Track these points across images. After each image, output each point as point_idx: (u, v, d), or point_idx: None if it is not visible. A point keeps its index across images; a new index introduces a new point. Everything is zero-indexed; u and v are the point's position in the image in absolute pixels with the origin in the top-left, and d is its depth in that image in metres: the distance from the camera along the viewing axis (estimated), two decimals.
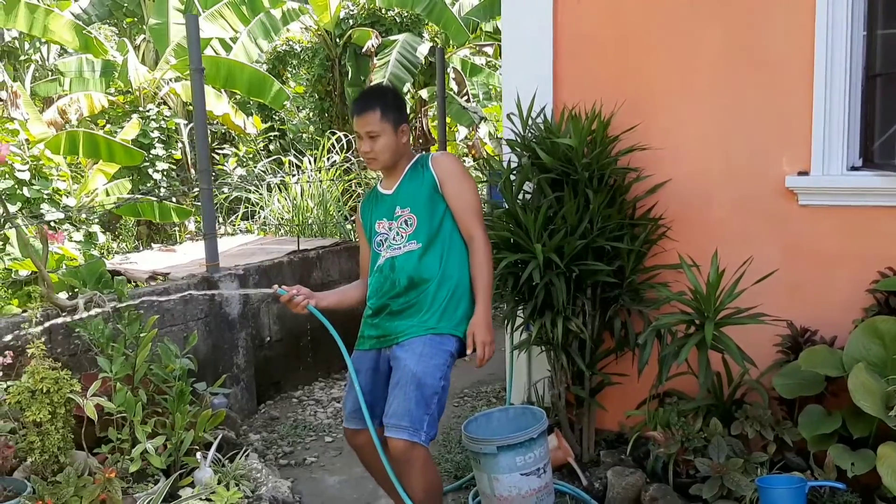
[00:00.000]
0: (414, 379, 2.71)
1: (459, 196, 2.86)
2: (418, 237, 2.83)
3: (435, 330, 2.79)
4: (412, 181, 2.89)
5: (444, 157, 2.96)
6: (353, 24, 10.19)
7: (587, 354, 3.60)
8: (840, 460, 3.10)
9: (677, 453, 3.32)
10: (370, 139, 2.82)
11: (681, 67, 3.63)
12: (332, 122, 10.66)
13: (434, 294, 2.81)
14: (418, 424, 2.68)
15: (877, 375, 3.07)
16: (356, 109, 2.86)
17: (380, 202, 2.96)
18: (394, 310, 2.85)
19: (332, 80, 10.56)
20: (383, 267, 2.87)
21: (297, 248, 5.47)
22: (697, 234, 3.63)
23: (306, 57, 10.99)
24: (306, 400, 5.00)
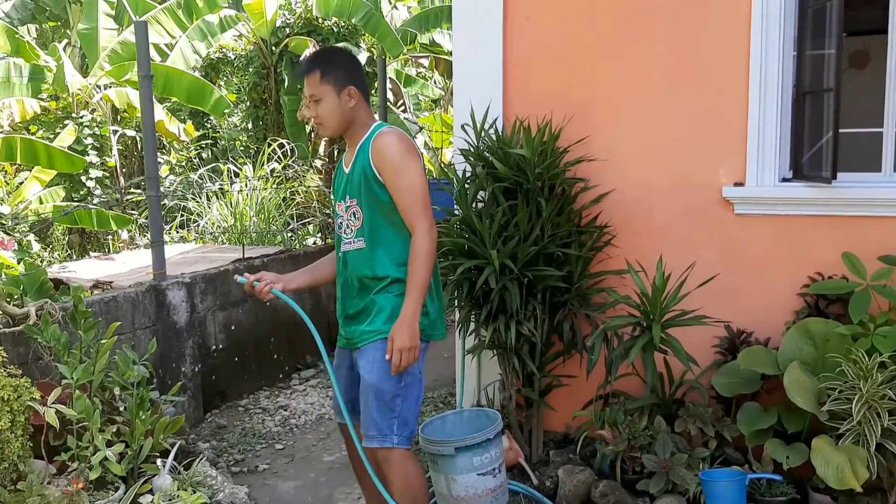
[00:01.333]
0: (370, 389, 2.67)
1: (398, 185, 2.61)
2: (363, 234, 2.69)
3: (384, 334, 2.67)
4: (359, 164, 2.68)
5: (383, 140, 2.64)
6: (290, 32, 10.16)
7: (537, 357, 3.73)
8: (776, 454, 3.31)
9: (624, 450, 3.47)
10: (314, 103, 2.66)
11: (627, 83, 3.81)
12: (267, 130, 10.60)
13: (382, 294, 2.70)
14: (386, 430, 2.66)
15: (809, 373, 3.28)
16: (297, 72, 2.77)
17: (340, 178, 2.80)
18: (350, 313, 2.78)
19: (267, 88, 10.50)
20: (340, 260, 2.79)
21: (241, 256, 5.46)
22: (640, 242, 3.81)
23: (240, 64, 10.90)
24: (252, 408, 4.99)
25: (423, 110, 12.52)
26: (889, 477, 3.16)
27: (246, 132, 11.26)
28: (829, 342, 3.32)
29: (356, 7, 9.47)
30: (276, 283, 2.78)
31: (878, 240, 3.40)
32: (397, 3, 11.74)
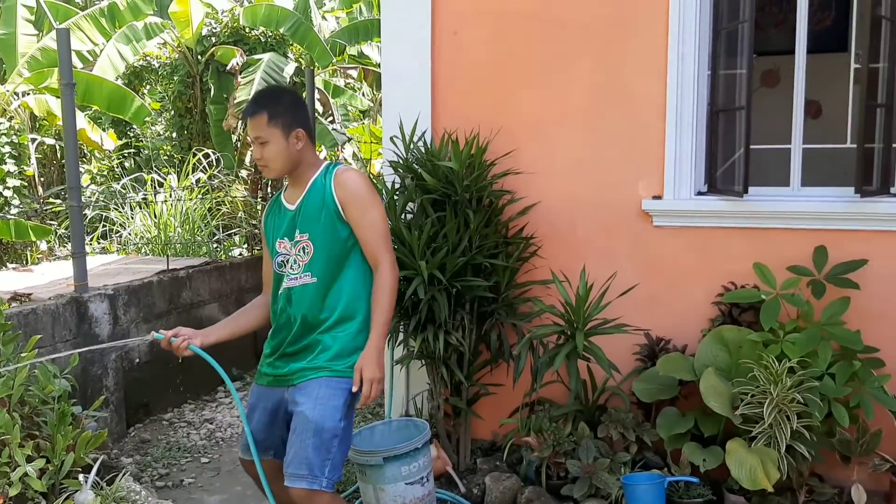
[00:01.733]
0: (310, 425, 2.56)
1: (363, 221, 2.63)
2: (313, 269, 2.63)
3: (330, 371, 2.63)
4: (314, 199, 2.66)
5: (348, 176, 2.67)
6: (216, 41, 10.05)
7: (465, 366, 3.79)
8: (693, 457, 3.44)
9: (549, 457, 3.56)
10: (260, 145, 2.62)
11: (551, 99, 3.92)
12: (192, 139, 10.44)
13: (329, 333, 2.66)
14: (318, 471, 2.56)
15: (724, 379, 3.43)
16: (244, 113, 2.67)
17: (282, 216, 2.73)
18: (287, 352, 2.71)
19: (192, 96, 10.35)
20: (282, 296, 2.70)
21: (166, 267, 5.37)
22: (565, 252, 3.91)
23: (165, 73, 10.71)
24: (177, 422, 4.90)
25: (352, 121, 12.51)
26: (798, 477, 3.32)
27: (170, 141, 11.06)
28: (741, 348, 3.48)
29: (284, 17, 9.44)
30: (194, 338, 2.71)
31: (786, 251, 3.58)
32: (326, 14, 11.72)
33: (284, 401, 2.73)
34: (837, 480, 3.47)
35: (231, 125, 9.35)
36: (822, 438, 3.33)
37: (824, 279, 3.45)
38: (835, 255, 3.48)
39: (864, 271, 3.44)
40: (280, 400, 2.75)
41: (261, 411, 2.79)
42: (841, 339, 3.34)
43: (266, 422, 2.79)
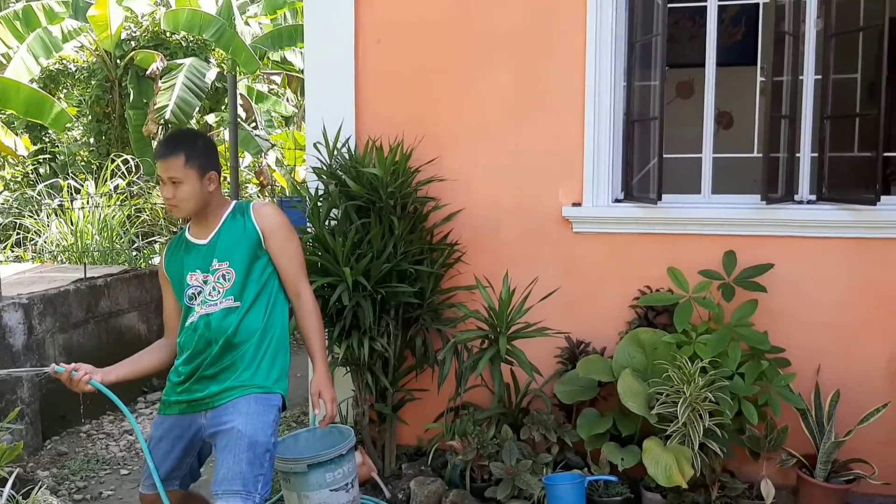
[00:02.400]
0: (244, 439, 2.55)
1: (284, 251, 2.74)
2: (235, 293, 2.66)
3: (259, 387, 2.66)
4: (231, 232, 2.72)
5: (268, 209, 2.79)
6: (136, 45, 9.85)
7: (390, 372, 3.81)
8: (612, 456, 3.54)
9: (473, 459, 3.61)
10: (172, 185, 2.65)
11: (475, 107, 3.99)
12: (110, 144, 10.19)
13: (253, 353, 2.68)
14: (251, 487, 2.53)
15: (640, 379, 3.54)
16: (159, 153, 2.67)
17: (192, 252, 2.75)
18: (206, 374, 2.68)
19: (111, 101, 10.11)
20: (197, 324, 2.67)
21: (83, 275, 5.23)
22: (488, 258, 3.98)
23: (82, 77, 10.43)
24: (96, 434, 4.78)
25: (276, 128, 12.39)
26: (711, 473, 3.46)
27: (88, 147, 10.76)
28: (657, 350, 3.60)
29: (207, 22, 9.32)
30: (94, 374, 2.65)
31: (698, 255, 3.72)
32: (249, 20, 11.59)
33: (201, 427, 2.70)
34: (748, 476, 3.62)
35: (151, 131, 9.16)
36: (732, 436, 3.47)
37: (733, 283, 3.60)
38: (743, 260, 3.63)
39: (771, 275, 3.60)
40: (196, 428, 2.71)
41: (170, 441, 2.73)
42: (749, 339, 3.49)
43: (177, 452, 2.74)
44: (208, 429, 2.68)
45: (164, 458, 2.73)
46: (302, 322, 2.78)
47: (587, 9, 3.76)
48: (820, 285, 3.64)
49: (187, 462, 2.77)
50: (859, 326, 3.60)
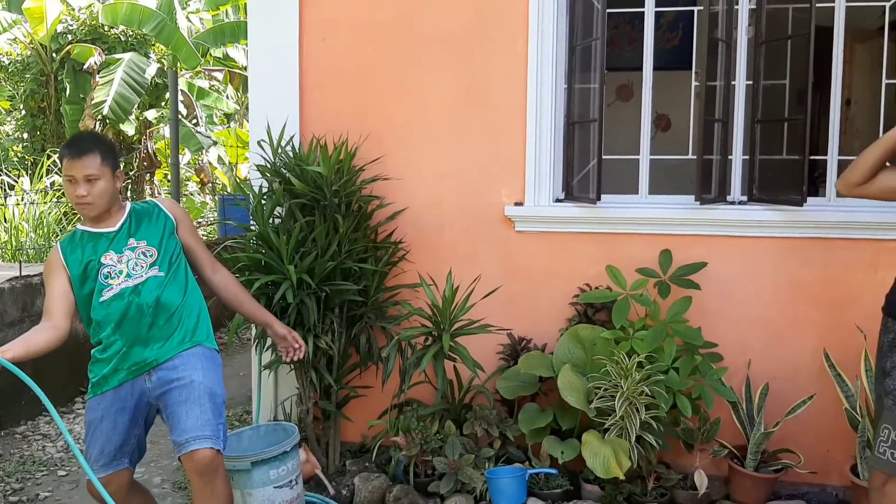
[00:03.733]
0: (205, 390, 2.72)
1: (195, 236, 3.03)
2: (161, 266, 2.85)
3: (201, 342, 2.84)
4: (144, 218, 2.93)
5: (173, 204, 3.09)
6: (73, 39, 9.63)
7: (335, 370, 3.83)
8: (552, 449, 3.62)
9: (417, 455, 3.65)
10: (87, 182, 2.76)
11: (418, 106, 4.03)
12: (45, 140, 9.94)
13: (185, 313, 2.85)
14: (220, 433, 2.71)
15: (580, 374, 3.63)
16: (73, 153, 2.76)
17: (99, 240, 2.85)
18: (144, 334, 2.77)
19: (46, 96, 9.87)
20: (123, 293, 2.76)
21: (18, 273, 5.11)
22: (432, 256, 4.03)
23: (15, 70, 10.15)
24: (31, 435, 4.68)
25: (217, 125, 12.25)
26: (647, 464, 3.56)
27: (21, 142, 10.48)
28: (595, 346, 3.69)
29: (147, 16, 9.17)
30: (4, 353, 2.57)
31: (635, 254, 3.83)
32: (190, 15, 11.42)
33: (144, 391, 2.79)
34: (682, 467, 3.74)
35: (88, 126, 8.98)
36: (668, 428, 3.59)
37: (669, 280, 3.72)
38: (678, 258, 3.75)
39: (704, 272, 3.73)
40: (138, 393, 2.79)
41: (112, 418, 2.77)
42: (684, 335, 3.61)
43: (122, 426, 2.78)
44: (156, 390, 2.77)
45: (109, 435, 2.77)
46: (230, 290, 3.05)
47: (529, 12, 3.84)
48: (750, 283, 3.78)
49: (135, 434, 2.84)
50: (787, 322, 3.75)
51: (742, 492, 3.62)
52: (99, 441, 2.78)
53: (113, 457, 2.79)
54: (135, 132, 9.91)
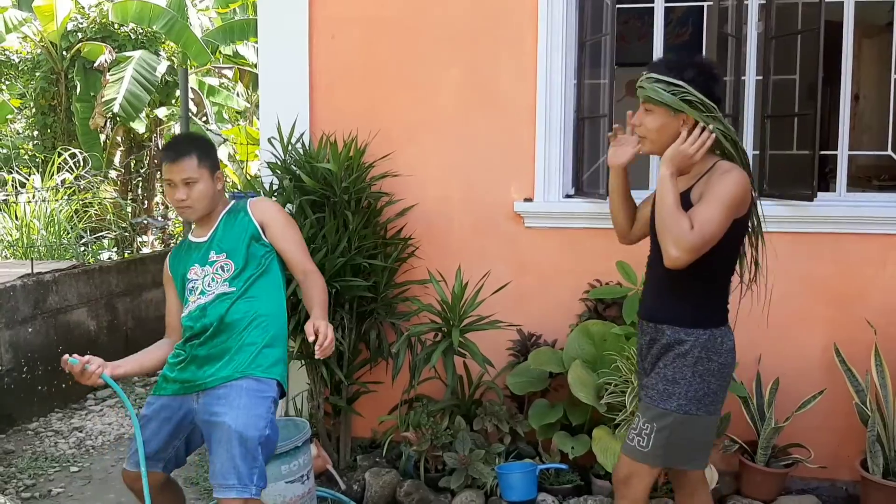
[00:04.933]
0: (235, 435, 2.54)
1: (286, 237, 2.80)
2: (234, 281, 2.70)
3: (250, 375, 2.64)
4: (229, 227, 2.79)
5: (264, 202, 2.91)
6: (83, 37, 9.66)
7: (345, 365, 3.85)
8: (562, 445, 3.63)
9: (427, 450, 3.66)
10: (186, 186, 2.70)
11: (426, 103, 4.04)
12: (55, 138, 9.98)
13: (247, 337, 2.68)
14: (247, 480, 2.54)
15: (590, 370, 3.63)
16: (170, 156, 2.71)
17: (193, 251, 2.82)
18: (200, 354, 2.69)
19: (56, 94, 9.91)
20: (193, 313, 2.71)
21: (30, 271, 5.15)
22: (442, 253, 4.04)
23: (26, 68, 10.20)
24: (44, 431, 4.71)
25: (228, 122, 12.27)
26: None
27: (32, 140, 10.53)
28: (606, 341, 3.69)
29: (157, 13, 9.19)
30: (105, 368, 2.66)
31: (646, 249, 3.78)
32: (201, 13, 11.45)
33: (192, 411, 2.72)
34: None
35: (98, 124, 9.01)
36: None
37: None
38: None
39: None
40: (187, 410, 2.72)
41: (159, 423, 2.74)
42: None
43: (164, 434, 2.75)
44: (200, 415, 2.68)
45: (150, 438, 2.74)
46: (308, 288, 2.75)
47: (538, 7, 3.84)
48: (760, 278, 3.77)
49: (174, 445, 2.79)
50: (797, 318, 3.75)
51: (753, 487, 3.62)
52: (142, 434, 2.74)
53: (147, 457, 2.73)
54: (145, 130, 9.94)
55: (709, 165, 2.47)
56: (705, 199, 2.35)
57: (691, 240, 2.27)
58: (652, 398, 2.51)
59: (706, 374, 2.46)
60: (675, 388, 2.46)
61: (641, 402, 2.59)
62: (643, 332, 2.66)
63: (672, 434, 2.45)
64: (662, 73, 2.41)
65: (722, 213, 2.31)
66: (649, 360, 2.60)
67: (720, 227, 2.32)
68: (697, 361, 2.45)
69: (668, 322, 2.52)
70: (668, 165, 2.39)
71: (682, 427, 2.45)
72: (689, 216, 2.31)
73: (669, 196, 2.35)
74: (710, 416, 2.50)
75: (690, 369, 2.45)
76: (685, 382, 2.45)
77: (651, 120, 2.47)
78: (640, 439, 2.50)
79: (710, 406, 2.49)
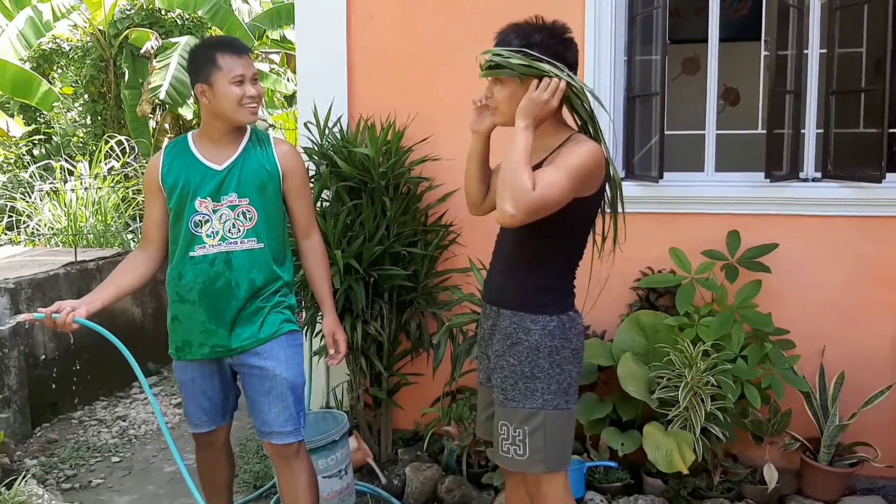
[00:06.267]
0: (288, 385, 2.62)
1: (300, 195, 2.70)
2: (259, 235, 2.58)
3: (285, 330, 2.65)
4: (251, 165, 2.59)
5: (289, 147, 2.71)
6: (130, 24, 9.71)
7: (385, 357, 3.73)
8: (612, 441, 3.46)
9: (470, 445, 3.54)
10: (254, 83, 2.53)
11: (469, 83, 3.83)
12: (105, 125, 10.08)
13: (276, 295, 2.64)
14: (300, 423, 2.68)
15: (641, 363, 3.46)
16: (237, 48, 2.53)
17: (200, 173, 2.56)
18: (231, 317, 2.58)
19: (105, 81, 9.99)
20: (214, 260, 2.54)
21: (74, 259, 5.15)
22: (485, 240, 3.81)
23: (76, 56, 10.30)
24: (88, 420, 4.71)
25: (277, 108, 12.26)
26: (713, 458, 3.38)
27: (84, 127, 10.66)
28: (658, 333, 3.51)
29: None
30: (78, 308, 2.46)
31: (700, 235, 3.62)
32: None
33: (227, 365, 2.70)
34: (751, 460, 3.55)
35: (145, 111, 9.05)
36: (735, 420, 3.40)
37: (737, 263, 3.51)
38: (747, 239, 3.53)
39: (775, 254, 3.50)
40: (223, 365, 2.70)
41: (205, 379, 2.69)
42: (753, 321, 3.40)
43: (217, 385, 2.72)
44: (237, 367, 2.69)
45: (208, 395, 2.72)
46: (311, 263, 2.78)
47: None
48: (824, 265, 3.55)
49: (232, 392, 2.80)
50: (864, 307, 3.51)
51: (815, 487, 3.41)
52: (196, 400, 2.72)
53: (213, 414, 2.76)
54: (193, 116, 9.97)
55: (564, 138, 2.28)
56: (553, 164, 2.17)
57: (530, 199, 2.05)
58: (515, 400, 2.31)
59: (563, 363, 2.30)
60: (536, 384, 2.28)
61: (500, 408, 2.36)
62: (485, 315, 2.48)
63: (547, 432, 2.28)
64: (509, 38, 2.28)
65: (567, 180, 2.11)
66: (493, 348, 2.40)
67: (563, 194, 2.11)
68: (551, 351, 2.28)
69: (510, 307, 2.35)
70: (522, 117, 2.19)
71: (554, 424, 2.29)
72: (534, 176, 2.10)
73: (519, 147, 2.14)
74: (574, 406, 2.36)
75: (546, 360, 2.28)
76: (544, 376, 2.28)
77: (499, 90, 2.32)
78: (515, 448, 2.31)
79: (574, 396, 2.35)
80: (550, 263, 2.35)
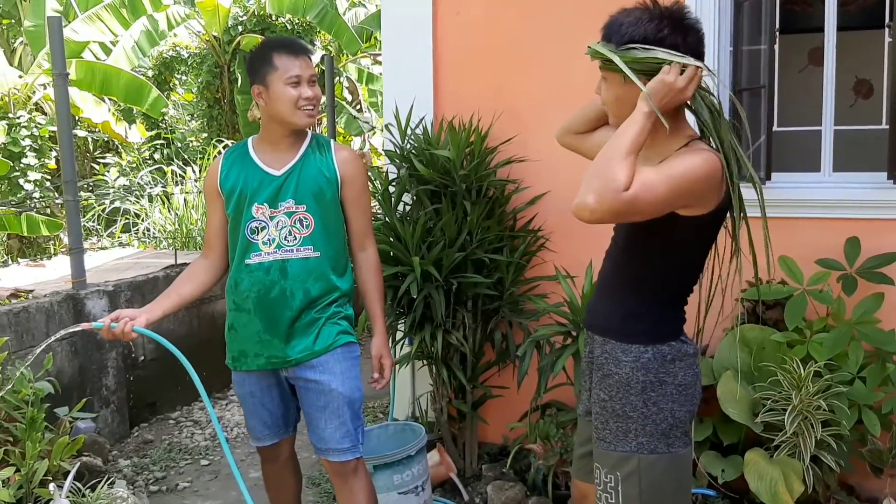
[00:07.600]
0: (345, 400, 2.52)
1: (360, 202, 2.60)
2: (315, 243, 2.49)
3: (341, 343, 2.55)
4: (311, 171, 2.50)
5: (349, 154, 2.62)
6: (243, 30, 9.97)
7: (468, 368, 3.57)
8: (711, 467, 3.17)
9: (556, 465, 3.32)
10: (311, 85, 2.44)
11: (556, 80, 3.66)
12: (220, 130, 10.39)
13: (333, 307, 2.54)
14: (358, 439, 2.58)
15: (744, 383, 3.15)
16: (295, 49, 2.45)
17: (259, 179, 2.49)
18: (286, 328, 2.49)
19: (220, 87, 10.30)
20: (270, 268, 2.46)
21: (174, 262, 5.25)
22: (575, 246, 3.64)
23: (194, 63, 10.68)
24: (184, 421, 4.78)
25: None
26: (825, 490, 3.04)
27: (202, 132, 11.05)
28: (764, 350, 3.19)
29: (310, 4, 9.32)
30: (137, 318, 2.45)
31: (814, 242, 3.27)
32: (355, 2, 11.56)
33: (283, 378, 2.61)
34: (869, 492, 3.19)
35: (256, 115, 9.21)
36: (851, 448, 3.05)
37: (856, 273, 3.14)
38: (867, 247, 3.16)
39: None
40: (281, 377, 2.61)
41: (264, 392, 2.61)
42: (873, 339, 3.03)
43: (277, 398, 2.64)
44: (292, 380, 2.60)
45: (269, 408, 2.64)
46: (365, 278, 2.65)
47: None
48: None
49: (293, 405, 2.71)
50: None
51: None
52: (256, 413, 2.65)
53: (275, 427, 2.69)
54: None
55: (682, 143, 1.93)
56: (659, 167, 1.82)
57: (618, 198, 1.72)
58: (606, 441, 2.02)
59: (660, 401, 1.96)
60: (629, 424, 1.98)
61: (595, 448, 2.08)
62: (587, 341, 2.20)
63: (643, 480, 1.97)
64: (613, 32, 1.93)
65: (665, 188, 1.77)
66: (593, 379, 2.12)
67: (656, 201, 1.77)
68: (645, 387, 1.96)
69: (603, 333, 2.07)
70: (646, 101, 1.82)
71: (651, 470, 1.97)
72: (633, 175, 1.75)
73: (629, 135, 1.80)
74: (684, 448, 2.01)
75: (639, 397, 1.97)
76: (637, 415, 1.97)
77: (605, 88, 2.01)
78: (607, 496, 2.01)
79: (683, 438, 2.01)
80: (647, 288, 2.06)
